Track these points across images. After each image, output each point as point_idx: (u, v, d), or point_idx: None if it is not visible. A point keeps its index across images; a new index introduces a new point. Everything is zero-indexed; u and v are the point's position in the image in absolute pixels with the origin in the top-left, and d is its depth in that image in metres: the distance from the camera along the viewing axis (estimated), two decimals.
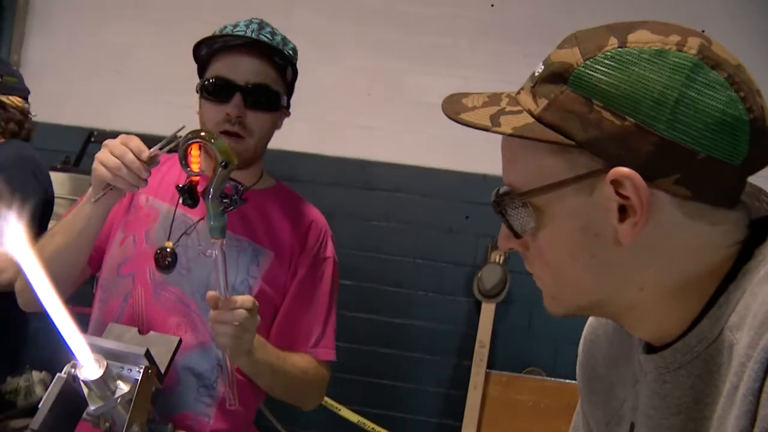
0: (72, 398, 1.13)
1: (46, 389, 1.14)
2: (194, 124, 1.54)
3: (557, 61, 0.73)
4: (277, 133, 1.72)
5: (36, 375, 3.64)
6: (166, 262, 1.55)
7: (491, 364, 3.44)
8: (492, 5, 3.62)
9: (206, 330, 1.52)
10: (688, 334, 0.73)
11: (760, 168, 0.73)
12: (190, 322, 1.54)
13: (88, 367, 1.10)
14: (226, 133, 1.55)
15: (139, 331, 1.30)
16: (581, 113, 0.70)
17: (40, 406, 1.11)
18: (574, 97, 0.71)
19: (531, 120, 0.73)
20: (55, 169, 3.31)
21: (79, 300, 1.67)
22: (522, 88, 0.78)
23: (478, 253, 3.60)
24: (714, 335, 0.70)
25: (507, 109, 0.76)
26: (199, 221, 1.57)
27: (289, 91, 1.67)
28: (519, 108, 0.75)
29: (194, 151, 1.33)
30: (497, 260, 3.44)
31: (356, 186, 3.64)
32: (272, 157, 3.63)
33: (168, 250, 1.55)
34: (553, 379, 3.45)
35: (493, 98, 0.78)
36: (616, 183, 0.70)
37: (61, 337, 1.04)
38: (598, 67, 0.70)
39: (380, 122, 3.67)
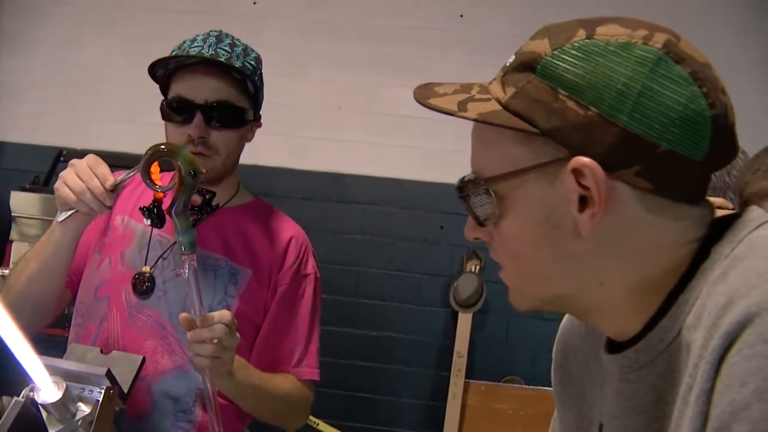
0: (30, 423, 1.11)
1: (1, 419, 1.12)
2: (164, 142, 1.53)
3: (527, 51, 0.74)
4: (249, 148, 1.70)
5: (6, 400, 3.59)
6: (144, 288, 1.53)
7: (470, 374, 3.44)
8: (461, 15, 3.64)
9: (183, 353, 1.50)
10: (649, 333, 0.73)
11: (722, 165, 0.74)
12: (167, 345, 1.52)
13: (46, 389, 1.08)
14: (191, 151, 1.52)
15: (102, 351, 1.27)
16: (546, 102, 0.71)
17: None
18: (541, 86, 0.71)
19: (498, 107, 0.74)
20: (24, 189, 3.29)
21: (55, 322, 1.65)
22: (494, 78, 0.79)
23: (454, 264, 3.60)
24: (673, 334, 0.71)
25: (476, 97, 0.76)
26: (175, 243, 1.54)
27: (256, 102, 1.63)
28: (488, 96, 0.76)
29: (155, 168, 1.32)
30: (473, 270, 3.44)
31: (330, 200, 3.63)
32: (246, 172, 3.62)
33: (146, 275, 1.53)
34: (532, 387, 3.46)
35: (465, 87, 0.79)
36: (577, 173, 0.70)
37: (16, 359, 1.03)
38: (565, 57, 0.71)
39: (353, 135, 3.68)
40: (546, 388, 3.39)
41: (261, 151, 3.71)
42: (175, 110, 1.53)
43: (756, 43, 3.43)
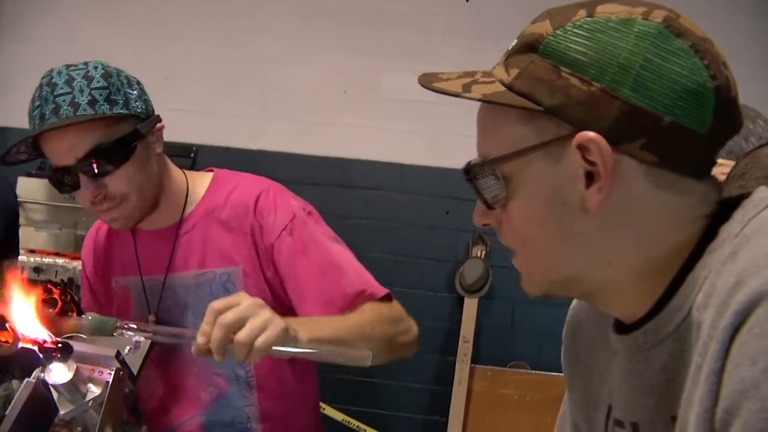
0: (42, 404, 1.12)
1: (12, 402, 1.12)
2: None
3: (529, 33, 0.75)
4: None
5: (16, 384, 3.61)
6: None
7: (475, 360, 3.44)
8: (466, 0, 3.62)
9: (216, 380, 1.48)
10: (658, 314, 0.73)
11: (727, 138, 0.74)
12: (201, 379, 1.49)
13: (57, 370, 1.08)
14: (100, 213, 1.40)
15: (113, 305, 1.28)
16: (549, 80, 0.72)
17: (7, 412, 1.09)
18: (544, 65, 0.72)
19: (502, 89, 0.75)
20: (30, 175, 3.32)
21: None
22: (497, 63, 0.79)
23: (460, 249, 3.60)
24: (683, 314, 0.71)
25: (480, 80, 0.77)
26: (165, 278, 1.48)
27: (135, 112, 1.38)
28: (492, 79, 0.77)
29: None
30: (479, 255, 3.44)
31: (335, 184, 3.63)
32: (249, 157, 3.66)
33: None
34: (537, 372, 3.46)
35: (469, 73, 0.80)
36: (582, 148, 0.70)
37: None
38: (567, 35, 0.72)
39: (358, 120, 3.67)
40: (551, 373, 3.41)
41: (265, 136, 3.72)
42: (58, 183, 1.37)
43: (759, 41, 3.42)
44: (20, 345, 1.06)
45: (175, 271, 1.47)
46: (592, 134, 0.69)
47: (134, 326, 1.08)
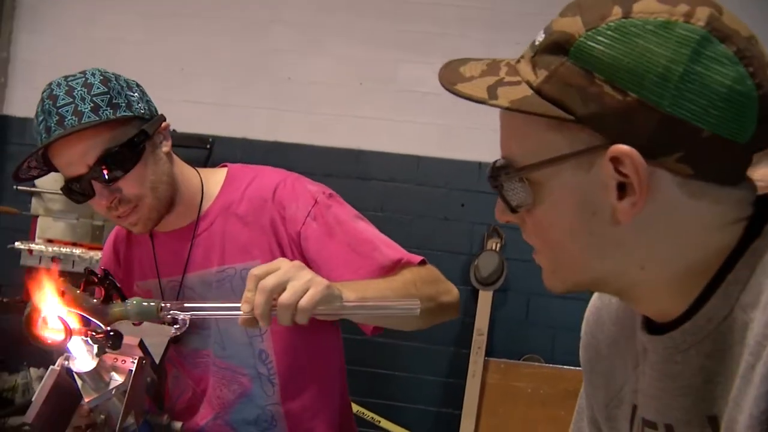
0: (66, 391, 1.13)
1: (38, 387, 1.13)
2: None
3: (558, 30, 0.71)
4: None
5: (33, 372, 3.64)
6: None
7: (489, 352, 3.44)
8: None
9: (238, 378, 1.47)
10: (696, 314, 0.71)
11: (767, 145, 0.70)
12: (222, 378, 1.49)
13: (81, 359, 1.09)
14: (119, 218, 1.40)
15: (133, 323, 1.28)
16: (582, 87, 0.68)
17: (33, 399, 1.10)
18: (575, 69, 0.68)
19: (530, 92, 0.71)
20: None
21: None
22: (522, 56, 0.75)
23: (474, 241, 3.59)
24: (723, 314, 0.69)
25: (505, 80, 0.73)
26: (182, 278, 1.48)
27: (138, 113, 1.38)
28: (518, 78, 0.73)
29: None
30: (494, 248, 3.43)
31: (350, 176, 3.63)
32: (265, 148, 3.66)
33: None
34: (551, 365, 3.46)
35: (492, 67, 0.75)
36: (616, 160, 0.67)
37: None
38: (601, 38, 0.67)
39: (373, 112, 3.66)
40: (565, 366, 3.41)
41: (281, 127, 3.72)
42: (72, 194, 1.38)
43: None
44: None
45: (196, 269, 1.47)
46: (626, 148, 0.66)
47: (183, 305, 1.09)
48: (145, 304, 1.10)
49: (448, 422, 3.53)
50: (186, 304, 1.09)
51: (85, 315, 1.08)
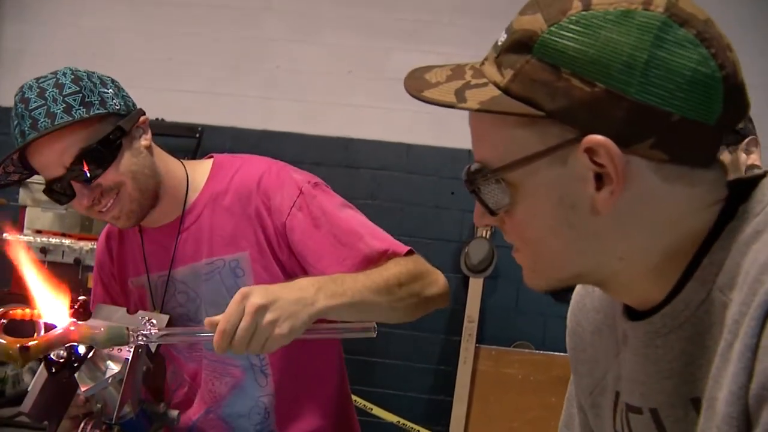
0: (62, 381, 1.12)
1: (34, 377, 1.13)
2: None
3: (520, 28, 0.71)
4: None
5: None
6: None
7: (480, 339, 3.45)
8: None
9: (230, 370, 1.47)
10: (675, 298, 0.72)
11: (734, 125, 0.71)
12: (214, 371, 1.48)
13: (77, 348, 1.09)
14: (102, 213, 1.37)
15: (128, 311, 1.28)
16: (549, 82, 0.68)
17: (29, 389, 1.10)
18: (540, 65, 0.68)
19: (497, 92, 0.71)
20: None
21: None
22: (486, 59, 0.75)
23: (465, 229, 3.60)
24: (701, 297, 0.70)
25: (472, 83, 0.73)
26: (169, 272, 1.47)
27: (113, 108, 1.35)
28: (484, 80, 0.73)
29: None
30: (484, 235, 3.44)
31: (340, 164, 3.62)
32: (256, 136, 3.65)
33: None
34: (542, 352, 3.47)
35: (457, 71, 0.76)
36: (590, 151, 0.67)
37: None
38: (563, 32, 0.68)
39: (363, 100, 3.65)
40: (556, 353, 3.42)
41: (271, 116, 3.71)
42: (56, 194, 1.36)
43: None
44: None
45: (187, 262, 1.45)
46: (600, 138, 0.66)
47: (147, 332, 1.05)
48: (116, 331, 1.06)
49: (439, 409, 3.55)
50: (154, 332, 1.06)
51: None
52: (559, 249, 0.74)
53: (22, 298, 1.09)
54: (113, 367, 1.12)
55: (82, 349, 1.10)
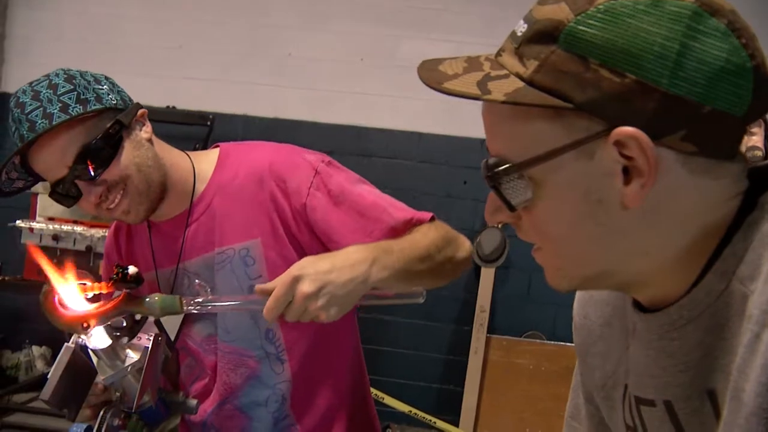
0: (81, 368, 1.12)
1: (47, 364, 1.12)
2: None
3: (543, 18, 0.68)
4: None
5: (36, 350, 3.63)
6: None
7: (491, 329, 3.45)
8: None
9: (246, 360, 1.46)
10: (694, 289, 0.70)
11: (760, 116, 0.70)
12: (228, 361, 1.46)
13: (96, 335, 1.08)
14: (110, 210, 1.36)
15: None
16: (577, 73, 0.66)
17: (48, 376, 1.09)
18: (567, 56, 0.66)
19: (521, 84, 0.68)
20: None
21: None
22: (503, 50, 0.73)
23: (477, 218, 3.59)
24: (721, 288, 0.68)
25: (492, 74, 0.71)
26: (177, 266, 1.46)
27: (110, 104, 1.35)
28: (505, 72, 0.70)
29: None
30: (496, 225, 3.43)
31: (352, 153, 3.61)
32: (267, 125, 3.64)
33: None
34: (552, 342, 3.47)
35: (473, 63, 0.73)
36: (620, 144, 0.66)
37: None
38: (591, 22, 0.65)
39: (375, 89, 3.64)
40: (566, 343, 3.42)
41: (283, 104, 3.69)
42: (62, 196, 1.35)
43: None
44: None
45: (199, 254, 1.44)
46: (631, 130, 0.65)
47: (200, 300, 1.09)
48: (169, 299, 1.12)
49: (450, 398, 3.55)
50: (206, 299, 1.10)
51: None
52: (584, 246, 0.72)
53: (36, 284, 1.09)
54: (132, 356, 1.11)
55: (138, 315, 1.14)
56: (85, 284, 1.07)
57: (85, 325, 1.05)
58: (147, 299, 1.09)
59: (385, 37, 3.63)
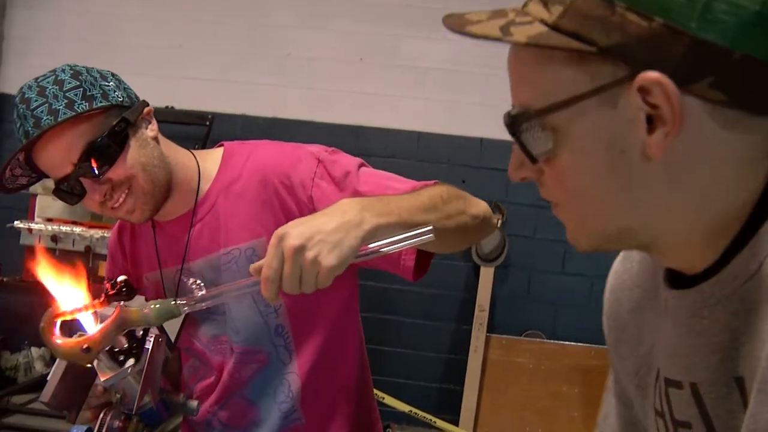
0: (80, 370, 1.11)
1: (46, 365, 1.12)
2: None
3: None
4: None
5: (35, 351, 3.63)
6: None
7: (491, 328, 3.45)
8: None
9: (255, 356, 1.44)
10: (725, 268, 0.68)
11: None
12: (240, 359, 1.45)
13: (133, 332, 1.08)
14: (114, 209, 1.35)
15: (146, 298, 1.26)
16: (602, 17, 0.64)
17: (48, 378, 1.09)
18: (593, 0, 0.64)
19: (545, 29, 0.67)
20: None
21: None
22: (529, 0, 0.71)
23: None
24: (753, 269, 0.65)
25: (517, 20, 0.69)
26: (182, 266, 1.45)
27: (116, 100, 1.34)
28: (529, 18, 0.69)
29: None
30: (495, 224, 3.43)
31: (351, 152, 3.58)
32: (266, 125, 3.63)
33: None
34: (552, 341, 3.47)
35: (498, 12, 0.71)
36: (644, 90, 0.63)
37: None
38: None
39: (374, 88, 3.63)
40: (566, 342, 3.42)
41: (281, 103, 3.69)
42: (66, 194, 1.34)
43: None
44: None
45: (203, 254, 1.43)
46: (656, 75, 0.62)
47: (199, 296, 1.05)
48: (165, 306, 1.06)
49: (450, 398, 3.54)
50: (204, 295, 1.06)
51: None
52: (606, 199, 0.69)
53: (34, 285, 1.08)
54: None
55: (139, 332, 1.11)
56: (78, 308, 1.05)
57: (85, 346, 1.00)
58: (141, 312, 1.04)
59: (384, 36, 3.63)
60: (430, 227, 1.04)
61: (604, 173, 0.68)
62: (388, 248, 1.06)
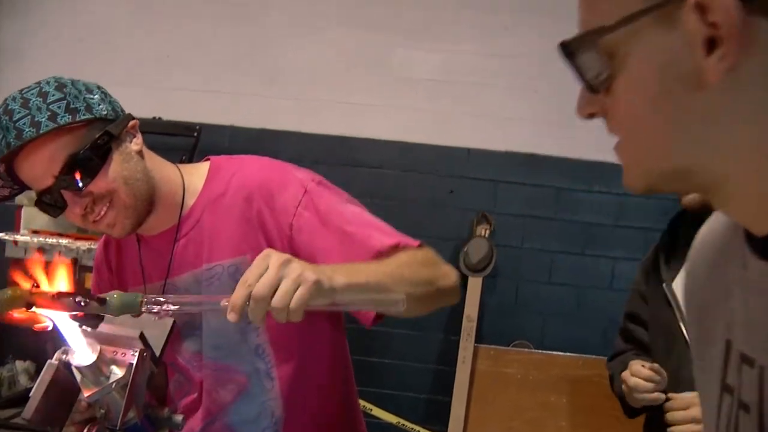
0: (64, 385, 1.10)
1: (31, 379, 1.11)
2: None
3: None
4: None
5: (19, 364, 3.59)
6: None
7: (479, 339, 3.44)
8: None
9: (234, 377, 1.44)
10: None
11: None
12: (217, 378, 1.45)
13: (80, 352, 1.07)
14: (96, 222, 1.34)
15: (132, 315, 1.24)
16: None
17: (31, 394, 1.08)
18: None
19: None
20: None
21: None
22: None
23: (463, 228, 3.58)
24: None
25: None
26: (165, 281, 1.44)
27: (100, 114, 1.33)
28: None
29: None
30: (483, 234, 3.43)
31: (339, 163, 3.60)
32: (253, 135, 3.62)
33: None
34: (540, 351, 3.47)
35: None
36: (702, 8, 0.58)
37: (54, 323, 1.01)
38: None
39: (362, 98, 3.63)
40: (554, 352, 3.42)
41: (270, 114, 3.68)
42: (48, 206, 1.33)
43: None
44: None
45: (188, 269, 1.42)
46: None
47: (162, 299, 1.03)
48: (128, 298, 1.05)
49: (438, 409, 3.53)
50: (168, 299, 1.04)
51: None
52: (662, 131, 0.64)
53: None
54: (117, 372, 1.10)
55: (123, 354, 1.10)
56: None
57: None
58: (106, 296, 1.04)
59: (373, 46, 3.63)
60: (402, 298, 1.07)
61: (660, 102, 0.63)
62: (358, 306, 1.16)
